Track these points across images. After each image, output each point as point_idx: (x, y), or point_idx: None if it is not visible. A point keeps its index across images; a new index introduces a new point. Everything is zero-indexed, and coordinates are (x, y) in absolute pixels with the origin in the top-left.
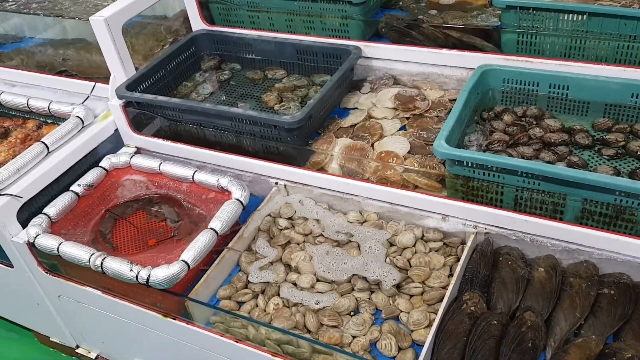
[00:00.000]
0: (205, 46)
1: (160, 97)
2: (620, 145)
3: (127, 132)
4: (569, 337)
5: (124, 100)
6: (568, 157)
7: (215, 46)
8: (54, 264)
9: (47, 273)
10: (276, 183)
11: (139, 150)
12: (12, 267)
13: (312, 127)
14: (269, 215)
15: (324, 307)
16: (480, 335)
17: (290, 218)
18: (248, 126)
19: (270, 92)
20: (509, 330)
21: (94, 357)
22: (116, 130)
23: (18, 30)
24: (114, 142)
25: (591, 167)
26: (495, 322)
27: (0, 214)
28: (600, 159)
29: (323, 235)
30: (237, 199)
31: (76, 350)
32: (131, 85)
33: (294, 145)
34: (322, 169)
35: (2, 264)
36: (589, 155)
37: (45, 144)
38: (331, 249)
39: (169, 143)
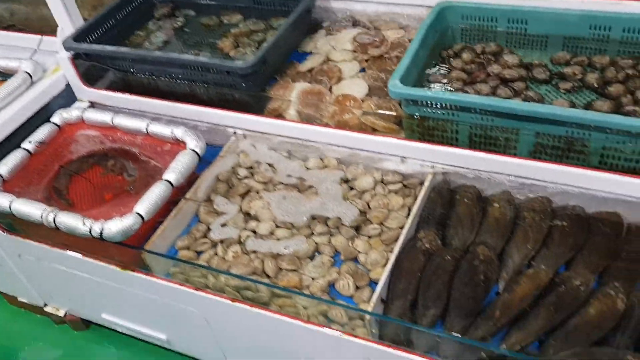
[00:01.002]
0: None
1: (108, 47)
2: (578, 78)
3: (78, 86)
4: (521, 269)
5: (71, 52)
6: (524, 93)
7: None
8: (10, 223)
9: (4, 232)
10: (234, 132)
11: (92, 105)
12: None
13: (267, 73)
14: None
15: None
16: (434, 270)
17: (250, 167)
18: (201, 73)
19: (225, 38)
20: (461, 264)
21: (62, 315)
22: (67, 85)
23: None
24: (67, 98)
25: (548, 101)
26: (449, 258)
27: None
28: (557, 93)
29: (283, 183)
30: (192, 149)
31: (44, 309)
32: (79, 37)
33: (249, 92)
34: (280, 116)
35: None
36: (547, 90)
37: None
38: (288, 194)
39: (122, 95)
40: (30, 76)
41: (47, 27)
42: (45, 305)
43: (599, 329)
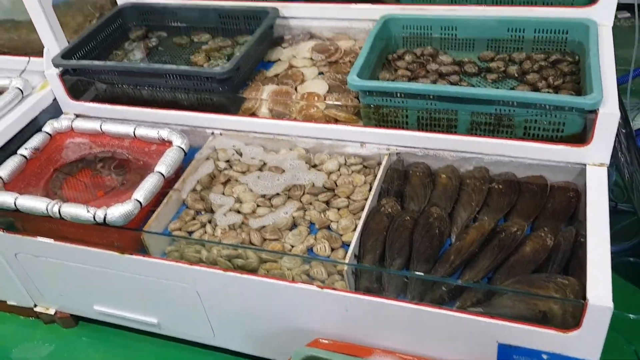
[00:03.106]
0: (131, 17)
1: (96, 62)
2: (501, 70)
3: (65, 100)
4: (468, 224)
5: (60, 68)
6: (459, 84)
7: (142, 17)
8: (10, 222)
9: (3, 232)
10: (212, 133)
11: (78, 117)
12: None
13: (240, 78)
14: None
15: (267, 225)
16: (396, 228)
17: (227, 161)
18: (182, 81)
19: (198, 54)
20: (419, 222)
21: (53, 313)
22: (54, 100)
23: None
24: (53, 112)
25: None
26: (408, 218)
27: None
28: (486, 83)
29: (261, 170)
30: (179, 146)
31: (34, 309)
32: (65, 55)
33: (227, 95)
34: (253, 115)
35: None
36: (477, 81)
37: None
38: (261, 173)
39: (106, 106)
40: (22, 91)
41: (29, 49)
42: (35, 305)
43: (534, 262)
